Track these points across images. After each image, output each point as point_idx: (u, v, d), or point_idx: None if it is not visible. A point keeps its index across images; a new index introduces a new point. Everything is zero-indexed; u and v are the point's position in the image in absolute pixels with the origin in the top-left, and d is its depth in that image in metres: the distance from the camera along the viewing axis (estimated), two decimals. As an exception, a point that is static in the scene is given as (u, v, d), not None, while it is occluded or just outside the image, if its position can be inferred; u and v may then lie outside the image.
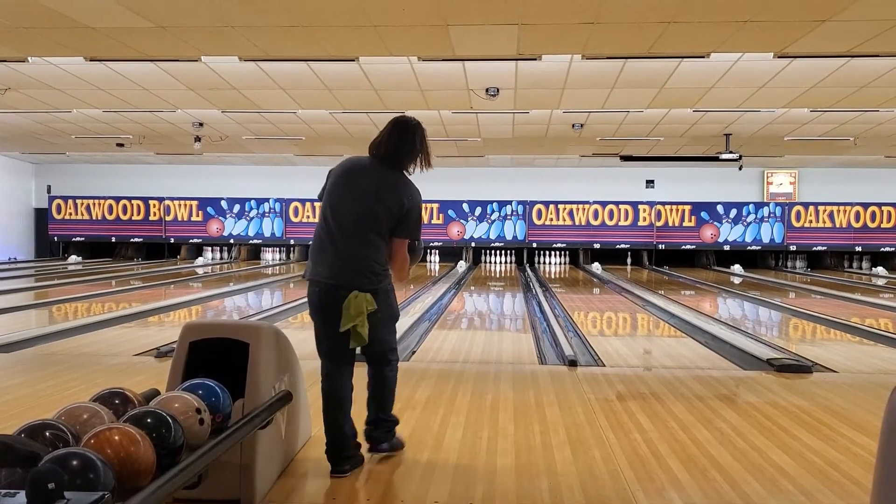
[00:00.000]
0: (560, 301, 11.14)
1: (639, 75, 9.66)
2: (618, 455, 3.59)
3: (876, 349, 7.26)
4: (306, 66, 9.44)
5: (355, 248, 3.32)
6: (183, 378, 2.98)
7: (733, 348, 6.89)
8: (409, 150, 3.52)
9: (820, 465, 3.47)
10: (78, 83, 10.54)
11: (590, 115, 12.66)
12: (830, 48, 8.13)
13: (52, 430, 2.13)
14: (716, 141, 14.94)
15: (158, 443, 2.20)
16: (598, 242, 20.28)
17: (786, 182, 20.30)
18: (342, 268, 3.30)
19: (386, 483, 3.19)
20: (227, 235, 20.99)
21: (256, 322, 3.31)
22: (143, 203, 21.01)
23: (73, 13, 7.16)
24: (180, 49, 8.43)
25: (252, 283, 13.94)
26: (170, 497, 2.11)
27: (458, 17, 7.11)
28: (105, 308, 9.88)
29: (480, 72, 9.57)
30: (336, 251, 3.32)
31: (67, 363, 5.83)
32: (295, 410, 3.43)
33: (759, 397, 4.90)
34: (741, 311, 11.05)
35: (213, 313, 10.02)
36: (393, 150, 3.48)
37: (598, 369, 5.91)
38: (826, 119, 12.73)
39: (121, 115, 13.16)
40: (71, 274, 15.93)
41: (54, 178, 21.39)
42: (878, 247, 19.88)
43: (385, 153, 3.48)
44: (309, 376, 3.80)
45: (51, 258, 20.77)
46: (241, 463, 2.88)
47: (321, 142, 15.98)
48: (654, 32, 7.52)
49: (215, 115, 13.12)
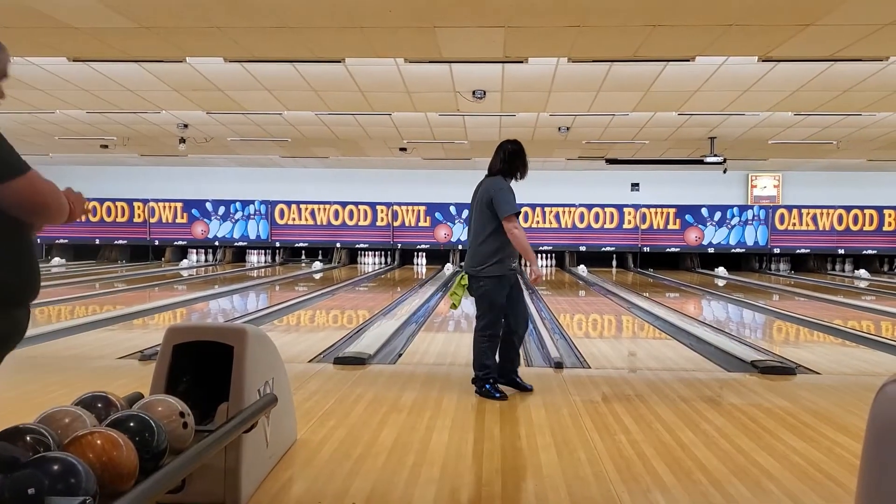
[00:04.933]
0: (546, 303, 11.16)
1: (624, 79, 9.70)
2: (603, 457, 3.59)
3: (858, 351, 7.31)
4: (292, 68, 9.41)
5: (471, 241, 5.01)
6: (167, 381, 2.96)
7: (718, 350, 6.92)
8: (496, 164, 5.03)
9: (804, 466, 3.48)
10: (61, 84, 10.46)
11: (576, 119, 12.69)
12: (814, 52, 8.20)
13: (33, 435, 2.10)
14: (700, 144, 15.03)
15: (141, 447, 2.17)
16: (583, 245, 20.34)
17: (770, 185, 20.44)
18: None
19: (372, 485, 3.18)
20: (211, 237, 20.89)
21: (241, 325, 3.29)
22: (127, 205, 20.88)
23: (57, 13, 7.10)
24: (165, 50, 8.38)
25: (237, 286, 13.87)
26: (153, 501, 2.10)
27: (445, 19, 7.11)
28: (88, 311, 9.80)
29: (467, 74, 9.58)
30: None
31: (50, 366, 5.78)
32: (280, 414, 3.41)
33: (743, 399, 4.93)
34: (725, 314, 11.10)
35: (198, 316, 9.97)
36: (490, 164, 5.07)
37: (583, 371, 5.92)
38: (809, 123, 12.83)
39: (105, 116, 13.08)
40: (54, 276, 15.79)
41: (37, 179, 21.17)
42: (861, 249, 20.04)
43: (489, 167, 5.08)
44: (294, 380, 3.79)
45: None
46: (226, 467, 2.86)
47: (307, 143, 15.94)
48: (640, 36, 7.55)
49: (200, 117, 13.06)
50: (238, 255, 21.43)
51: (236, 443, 2.84)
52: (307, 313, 10.03)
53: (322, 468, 3.40)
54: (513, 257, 4.86)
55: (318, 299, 11.66)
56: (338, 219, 20.63)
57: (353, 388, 5.06)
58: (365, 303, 11.50)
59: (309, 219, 20.69)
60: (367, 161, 18.90)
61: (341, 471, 3.36)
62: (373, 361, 6.12)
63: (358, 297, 12.65)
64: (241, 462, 2.90)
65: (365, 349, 6.38)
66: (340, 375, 5.56)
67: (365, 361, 5.98)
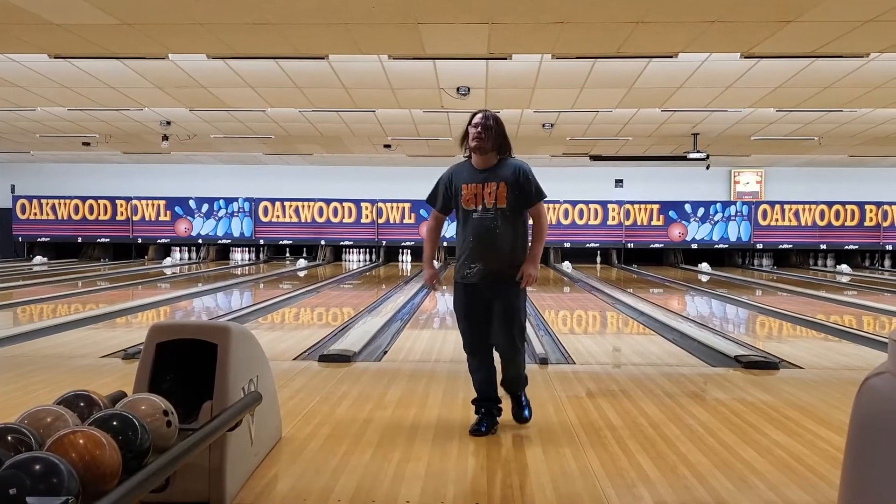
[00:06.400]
0: (531, 299, 11.18)
1: (608, 75, 9.72)
2: (588, 452, 3.60)
3: (840, 345, 7.38)
4: (275, 64, 9.36)
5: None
6: (150, 380, 2.94)
7: (701, 345, 6.95)
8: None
9: (787, 459, 3.51)
10: (42, 81, 10.36)
11: (560, 115, 12.72)
12: (796, 49, 8.25)
13: (14, 434, 2.08)
14: (684, 141, 15.10)
15: (124, 446, 2.16)
16: (568, 242, 20.39)
17: (752, 181, 20.57)
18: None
19: (357, 482, 3.17)
20: (195, 235, 20.78)
21: (224, 322, 3.27)
22: (109, 203, 20.72)
23: (37, 9, 7.02)
24: (147, 46, 8.31)
25: (221, 284, 13.81)
26: (137, 501, 2.08)
27: (429, 15, 7.09)
28: (71, 309, 9.72)
29: (451, 71, 9.57)
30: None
31: (32, 365, 5.73)
32: (264, 411, 3.39)
33: (727, 394, 4.96)
34: (709, 309, 11.17)
35: (182, 314, 9.91)
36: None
37: (568, 367, 5.94)
38: (791, 119, 12.92)
39: (87, 113, 12.96)
40: (36, 275, 15.66)
41: (18, 177, 21.03)
42: (843, 245, 20.21)
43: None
44: (279, 378, 3.77)
45: (15, 259, 20.41)
46: (210, 465, 2.85)
47: (291, 140, 15.88)
48: (623, 32, 7.56)
49: (183, 114, 12.98)
50: (222, 253, 21.32)
51: (221, 441, 2.83)
52: (292, 311, 9.99)
53: (307, 465, 3.39)
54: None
55: (303, 297, 11.63)
56: (322, 216, 20.57)
57: (338, 386, 5.05)
58: (350, 300, 11.48)
59: (293, 216, 20.62)
60: (351, 158, 18.86)
61: (327, 468, 3.36)
62: (358, 359, 6.11)
63: (343, 294, 12.62)
64: (226, 460, 2.88)
65: (350, 346, 6.38)
66: (325, 373, 5.55)
67: (350, 359, 5.98)
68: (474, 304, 3.94)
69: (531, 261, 3.92)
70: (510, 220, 3.89)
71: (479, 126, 3.87)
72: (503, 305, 3.89)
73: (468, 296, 3.95)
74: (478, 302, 3.92)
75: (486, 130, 3.87)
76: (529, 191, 3.92)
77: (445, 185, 4.11)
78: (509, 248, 3.89)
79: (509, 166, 3.94)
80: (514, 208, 3.89)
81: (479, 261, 3.88)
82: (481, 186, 3.90)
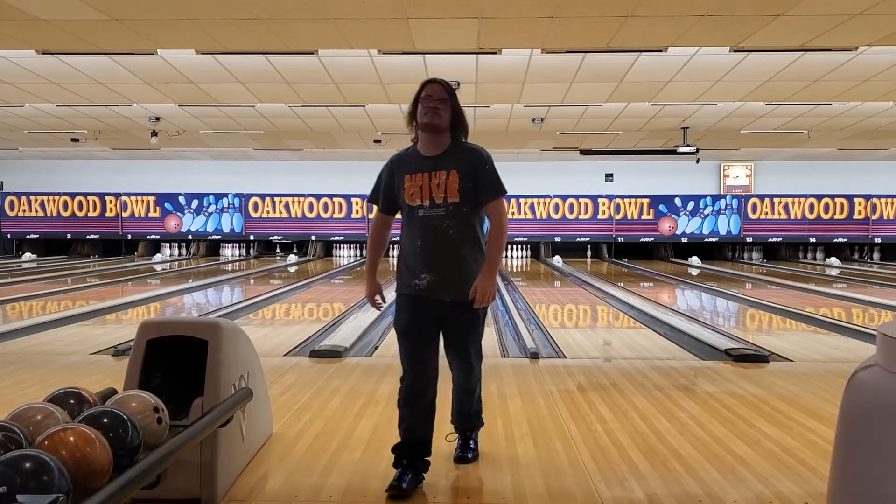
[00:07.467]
0: (522, 294, 11.20)
1: (598, 69, 9.73)
2: (579, 446, 3.61)
3: (829, 338, 7.41)
4: (265, 60, 9.33)
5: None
6: (141, 377, 2.93)
7: (692, 339, 6.98)
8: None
9: (777, 452, 3.53)
10: (30, 77, 10.29)
11: (550, 110, 12.72)
12: (785, 42, 8.27)
13: (4, 432, 2.07)
14: (673, 134, 15.13)
15: (115, 443, 2.15)
16: (558, 236, 20.42)
17: (742, 175, 20.63)
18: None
19: (348, 478, 3.17)
20: (185, 231, 20.71)
21: (214, 319, 3.26)
22: (99, 199, 20.64)
23: (24, 5, 6.97)
24: (135, 42, 8.27)
25: (211, 280, 13.77)
26: (128, 498, 2.07)
27: (418, 10, 7.08)
28: (61, 306, 9.68)
29: (441, 65, 9.54)
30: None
31: (22, 363, 5.70)
32: (255, 408, 3.39)
33: (717, 387, 4.97)
34: (699, 302, 11.21)
35: (172, 311, 9.88)
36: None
37: (559, 361, 5.95)
38: (781, 112, 12.96)
39: (75, 109, 12.89)
40: (25, 272, 15.58)
41: (7, 173, 20.91)
42: (832, 238, 20.31)
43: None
44: (270, 374, 3.77)
45: (4, 256, 20.30)
46: (202, 462, 2.84)
47: (280, 136, 15.84)
48: (613, 26, 7.57)
49: (172, 110, 12.92)
50: (212, 249, 21.27)
51: (212, 437, 2.82)
52: (282, 307, 9.98)
53: (298, 462, 3.39)
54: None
55: (294, 292, 11.61)
56: (312, 211, 20.53)
57: (329, 381, 5.04)
58: (340, 296, 11.47)
59: (283, 212, 20.58)
60: (341, 153, 18.82)
61: (318, 464, 3.36)
62: (349, 354, 6.11)
63: (333, 289, 12.61)
64: (217, 457, 2.88)
65: (341, 342, 6.37)
66: (316, 368, 5.54)
67: (341, 354, 5.97)
68: (420, 321, 3.20)
69: (486, 273, 3.11)
70: (466, 218, 3.14)
71: (433, 97, 3.11)
72: (458, 323, 3.20)
73: (414, 310, 3.21)
74: (425, 318, 3.18)
75: (441, 103, 3.10)
76: (486, 182, 3.16)
77: (387, 177, 3.30)
78: (465, 254, 3.14)
79: (464, 151, 3.17)
80: (470, 203, 3.13)
81: (428, 270, 3.14)
82: (428, 176, 3.11)
